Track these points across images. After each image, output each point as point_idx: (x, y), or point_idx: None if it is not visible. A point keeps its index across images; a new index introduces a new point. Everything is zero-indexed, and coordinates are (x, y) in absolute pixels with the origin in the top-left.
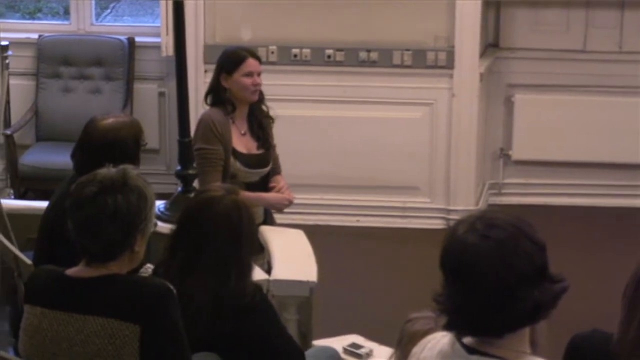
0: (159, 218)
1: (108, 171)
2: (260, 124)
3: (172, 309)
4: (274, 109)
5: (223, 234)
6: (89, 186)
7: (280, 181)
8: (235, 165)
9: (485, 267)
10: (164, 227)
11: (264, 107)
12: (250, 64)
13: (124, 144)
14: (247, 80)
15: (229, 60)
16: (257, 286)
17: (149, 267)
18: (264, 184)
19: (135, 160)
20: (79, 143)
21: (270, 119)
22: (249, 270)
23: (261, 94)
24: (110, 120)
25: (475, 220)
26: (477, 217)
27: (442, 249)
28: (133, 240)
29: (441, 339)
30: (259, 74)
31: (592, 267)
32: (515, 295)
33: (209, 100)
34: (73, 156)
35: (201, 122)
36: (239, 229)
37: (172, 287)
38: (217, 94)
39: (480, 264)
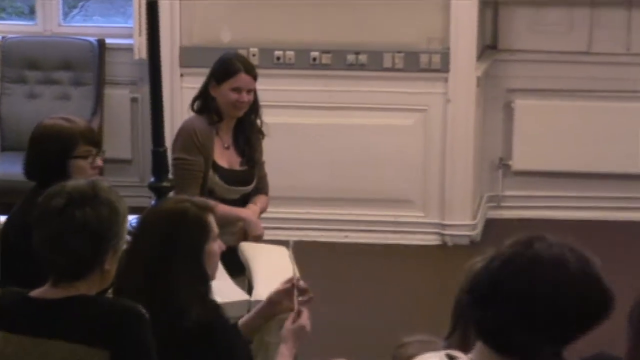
0: (131, 234)
1: (77, 182)
2: (247, 139)
3: (143, 333)
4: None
5: (151, 238)
6: (57, 198)
7: (259, 201)
8: (214, 179)
9: (536, 278)
10: None
11: (258, 121)
12: (242, 79)
13: (44, 149)
14: (233, 96)
15: (222, 69)
16: (209, 310)
17: None
18: (245, 204)
19: (58, 172)
20: None
21: (260, 134)
22: (187, 289)
23: (256, 104)
24: (46, 122)
25: (582, 252)
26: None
27: (523, 234)
28: (103, 257)
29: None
30: (249, 91)
31: None
32: (527, 325)
33: (195, 107)
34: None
35: (182, 130)
36: (170, 236)
37: (143, 310)
38: (205, 101)
39: (540, 272)
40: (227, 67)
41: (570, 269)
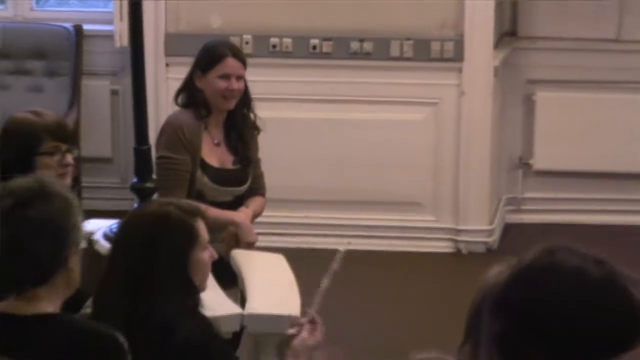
0: (111, 239)
1: (20, 180)
2: (240, 135)
3: None
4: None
5: (133, 241)
6: (2, 201)
7: (253, 204)
8: (203, 180)
9: (548, 287)
10: None
11: (251, 115)
12: (229, 64)
13: (10, 146)
14: (222, 84)
15: (206, 57)
16: (200, 325)
17: None
18: (238, 207)
19: (26, 170)
20: None
21: (255, 130)
22: (174, 301)
23: (248, 97)
24: (15, 116)
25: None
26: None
27: (548, 243)
28: (65, 254)
29: None
30: (238, 78)
31: None
32: (534, 338)
33: (180, 100)
34: None
35: (167, 126)
36: (152, 239)
37: (121, 337)
38: (191, 94)
39: (553, 282)
40: (212, 53)
41: (589, 281)
